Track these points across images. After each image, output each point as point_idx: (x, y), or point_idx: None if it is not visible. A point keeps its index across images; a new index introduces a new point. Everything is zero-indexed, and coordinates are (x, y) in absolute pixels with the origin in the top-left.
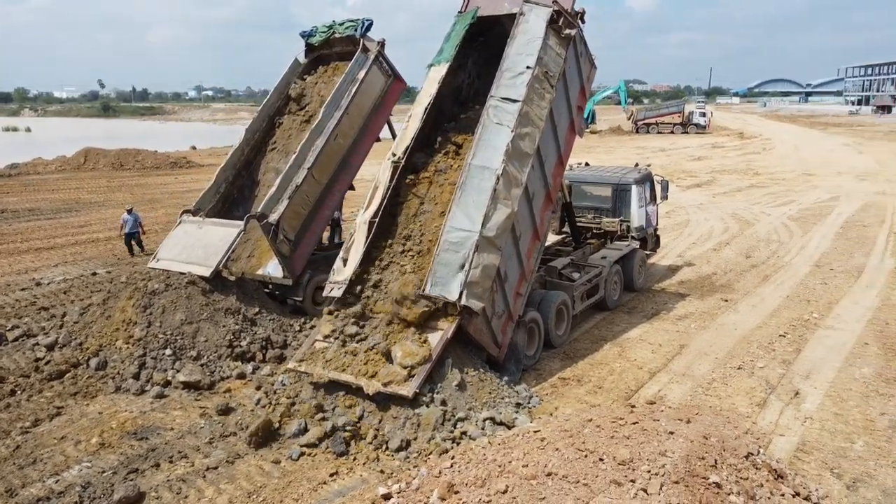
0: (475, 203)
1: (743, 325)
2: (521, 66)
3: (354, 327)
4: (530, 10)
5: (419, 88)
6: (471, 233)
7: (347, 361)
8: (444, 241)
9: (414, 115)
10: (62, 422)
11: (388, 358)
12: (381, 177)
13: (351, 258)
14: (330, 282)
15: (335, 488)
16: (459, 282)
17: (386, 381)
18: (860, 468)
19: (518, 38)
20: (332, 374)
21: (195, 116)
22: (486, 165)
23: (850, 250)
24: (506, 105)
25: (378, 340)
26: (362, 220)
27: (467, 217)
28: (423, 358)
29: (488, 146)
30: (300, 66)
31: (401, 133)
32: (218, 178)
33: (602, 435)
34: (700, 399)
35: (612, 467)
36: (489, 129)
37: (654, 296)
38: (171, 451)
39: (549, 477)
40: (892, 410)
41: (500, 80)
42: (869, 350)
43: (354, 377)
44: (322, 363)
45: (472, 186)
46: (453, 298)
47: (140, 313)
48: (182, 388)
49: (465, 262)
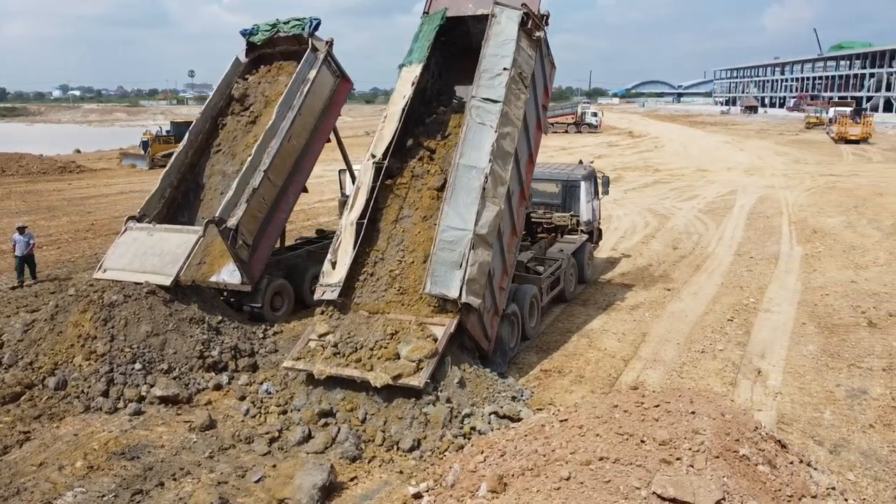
0: (465, 202)
1: (692, 312)
2: (499, 67)
3: (351, 325)
4: (501, 12)
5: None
6: (465, 231)
7: (349, 358)
8: (439, 240)
9: (390, 116)
10: (34, 447)
11: (393, 354)
12: (363, 178)
13: (340, 260)
14: (321, 285)
15: (359, 492)
16: (458, 279)
17: (395, 375)
18: (836, 435)
19: (492, 40)
20: (335, 371)
21: (66, 118)
22: (474, 165)
23: (762, 239)
24: (487, 105)
25: (380, 337)
26: (348, 221)
27: (459, 216)
28: (430, 352)
29: (474, 146)
30: (241, 66)
31: (377, 134)
32: (162, 183)
33: (633, 418)
34: (677, 382)
35: (655, 448)
36: (473, 129)
37: (603, 288)
38: (170, 469)
39: (603, 461)
40: (844, 382)
41: (479, 81)
42: (808, 329)
43: (360, 372)
44: (321, 360)
45: (461, 186)
46: (454, 296)
47: (100, 327)
48: (159, 402)
49: (461, 261)
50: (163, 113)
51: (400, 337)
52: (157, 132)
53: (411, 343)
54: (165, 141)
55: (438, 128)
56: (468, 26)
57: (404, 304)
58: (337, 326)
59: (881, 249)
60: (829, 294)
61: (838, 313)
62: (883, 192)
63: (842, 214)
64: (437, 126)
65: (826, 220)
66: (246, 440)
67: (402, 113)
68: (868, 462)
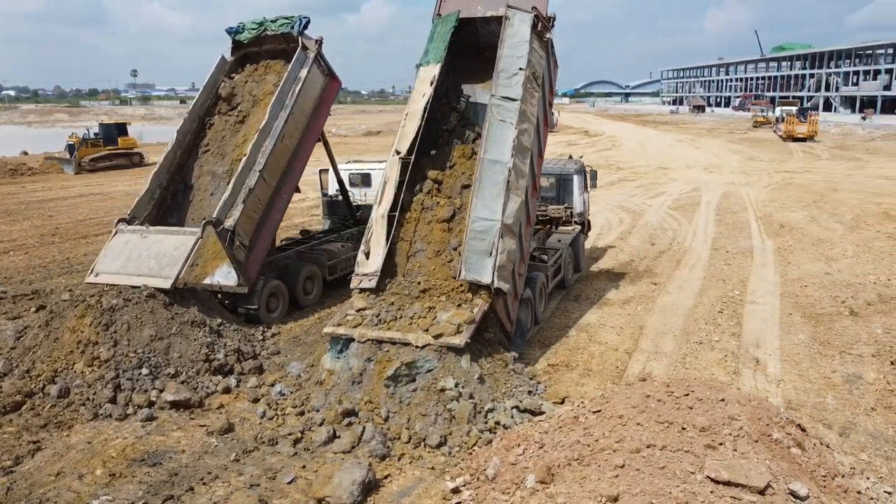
0: (491, 194)
1: (681, 305)
2: (515, 67)
3: (391, 298)
4: (514, 15)
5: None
6: (493, 221)
7: (390, 325)
8: (470, 230)
9: (412, 114)
10: (48, 456)
11: (432, 322)
12: (389, 173)
13: (373, 251)
14: (356, 274)
15: (394, 489)
16: (490, 266)
17: (437, 334)
18: (842, 418)
19: (507, 41)
20: (376, 334)
21: (2, 118)
22: (498, 159)
23: (733, 234)
24: (506, 103)
25: (418, 310)
26: (378, 214)
27: (487, 208)
28: (468, 318)
29: (496, 142)
30: (227, 65)
31: (400, 132)
32: (152, 184)
33: (668, 407)
34: (682, 372)
35: (697, 434)
36: (495, 126)
37: (592, 283)
38: (196, 474)
39: (651, 448)
40: (839, 368)
41: (497, 81)
42: (795, 319)
43: (402, 334)
44: (362, 326)
45: (487, 179)
46: (487, 282)
47: (102, 332)
48: (170, 407)
49: (491, 249)
50: (106, 114)
51: (437, 311)
52: (85, 135)
53: (450, 312)
54: (94, 144)
55: (442, 159)
56: (476, 27)
57: (443, 287)
58: (375, 303)
59: (847, 242)
60: (807, 285)
61: (820, 303)
62: (837, 188)
63: (804, 209)
64: (442, 158)
65: (790, 215)
66: (269, 442)
67: (425, 111)
68: (877, 443)
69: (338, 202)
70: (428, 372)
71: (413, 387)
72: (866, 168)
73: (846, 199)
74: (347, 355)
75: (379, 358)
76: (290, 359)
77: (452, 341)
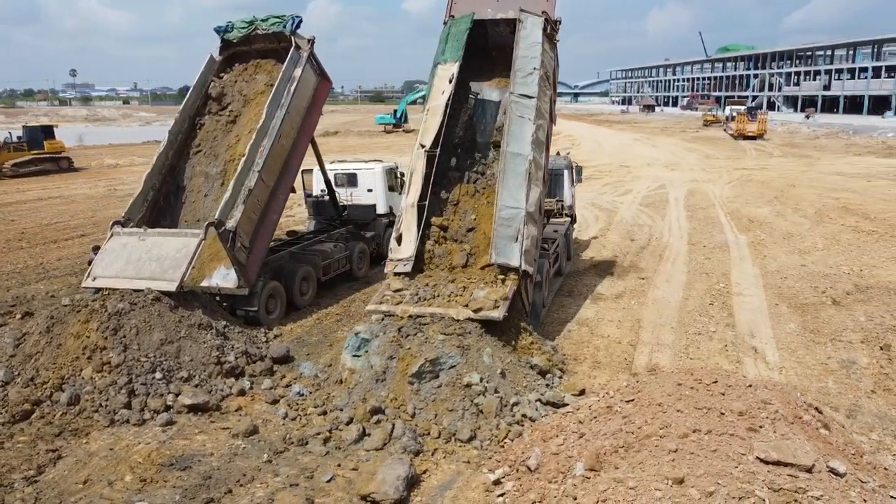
0: (514, 185)
1: (672, 298)
2: (530, 67)
3: (426, 279)
4: (527, 18)
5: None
6: (518, 209)
7: (429, 302)
8: (498, 217)
9: (433, 110)
10: (70, 464)
11: (469, 300)
12: (415, 165)
13: (405, 237)
14: (391, 259)
15: (434, 483)
16: (517, 251)
17: (476, 308)
18: (846, 401)
19: (522, 43)
20: (418, 309)
21: None
22: (519, 152)
23: (707, 230)
24: (524, 101)
25: (454, 289)
26: (408, 204)
27: (512, 197)
28: (503, 295)
29: (516, 136)
30: (216, 64)
31: (423, 126)
32: (145, 186)
33: (702, 394)
34: (687, 363)
35: (736, 418)
36: (515, 122)
37: (581, 279)
38: (231, 476)
39: (697, 433)
40: (833, 355)
41: (515, 79)
42: (782, 310)
43: (443, 309)
44: (403, 304)
45: (510, 171)
46: (516, 265)
47: (110, 337)
48: (187, 411)
49: (517, 235)
50: (46, 114)
51: (472, 289)
52: (6, 139)
53: (486, 290)
54: (17, 148)
55: (445, 202)
56: (486, 28)
57: (474, 270)
58: (411, 284)
59: (816, 236)
60: (787, 277)
61: (802, 294)
62: (795, 184)
63: (768, 205)
64: (444, 201)
65: (756, 211)
66: (299, 442)
67: (446, 107)
68: (884, 423)
69: (323, 202)
70: (451, 368)
71: (437, 383)
72: (818, 165)
73: (805, 195)
74: (368, 354)
75: (401, 356)
76: (299, 359)
77: (492, 315)
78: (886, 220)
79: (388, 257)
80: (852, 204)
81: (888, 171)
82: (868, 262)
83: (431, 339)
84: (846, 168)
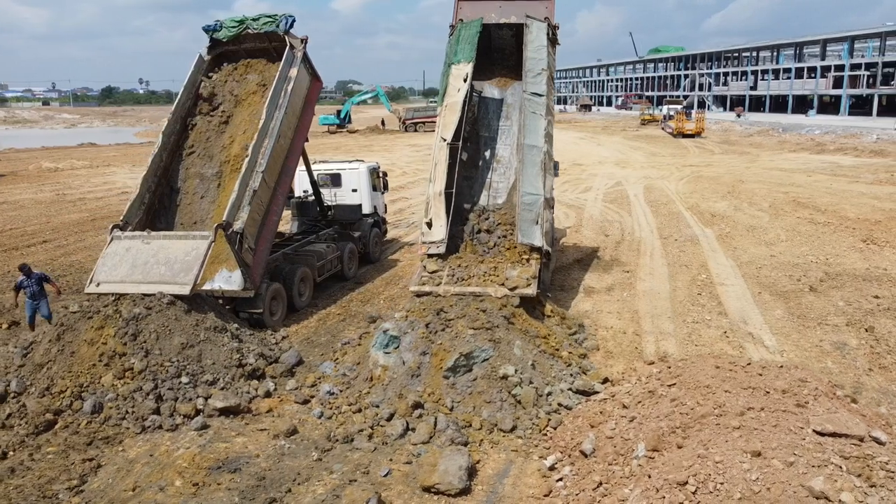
0: (532, 174)
1: (661, 290)
2: (538, 68)
3: (457, 261)
4: (532, 24)
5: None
6: (538, 196)
7: (467, 282)
8: (521, 202)
9: (451, 106)
10: (112, 473)
11: (502, 280)
12: (438, 157)
13: (436, 223)
14: (424, 242)
15: (490, 472)
16: (539, 232)
17: (512, 286)
18: (848, 380)
19: (530, 46)
20: (457, 289)
21: None
22: (534, 145)
23: (673, 224)
24: (536, 98)
25: (486, 270)
26: (435, 192)
27: (531, 184)
28: (533, 274)
29: (531, 131)
30: (205, 63)
31: (442, 121)
32: (142, 188)
33: (741, 375)
34: (694, 349)
35: (781, 396)
36: (529, 118)
37: (569, 273)
38: (285, 476)
39: (752, 410)
40: (825, 337)
41: (527, 79)
42: (765, 297)
43: (482, 289)
44: (444, 284)
45: (528, 161)
46: (539, 245)
47: (129, 343)
48: (218, 415)
49: (538, 218)
50: None
51: (501, 269)
52: None
53: (517, 269)
54: None
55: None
56: (490, 31)
57: (502, 251)
58: (445, 265)
59: (777, 228)
60: (761, 267)
61: (780, 282)
62: (743, 180)
63: (723, 200)
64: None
65: (714, 205)
66: (344, 440)
67: (464, 103)
68: (888, 398)
69: (307, 203)
70: (484, 361)
71: (472, 376)
72: (758, 161)
73: (756, 190)
74: (399, 350)
75: (434, 351)
76: (312, 360)
77: (526, 291)
78: (836, 212)
79: (421, 241)
80: (801, 197)
81: (824, 167)
82: (831, 252)
83: (462, 334)
84: (785, 164)
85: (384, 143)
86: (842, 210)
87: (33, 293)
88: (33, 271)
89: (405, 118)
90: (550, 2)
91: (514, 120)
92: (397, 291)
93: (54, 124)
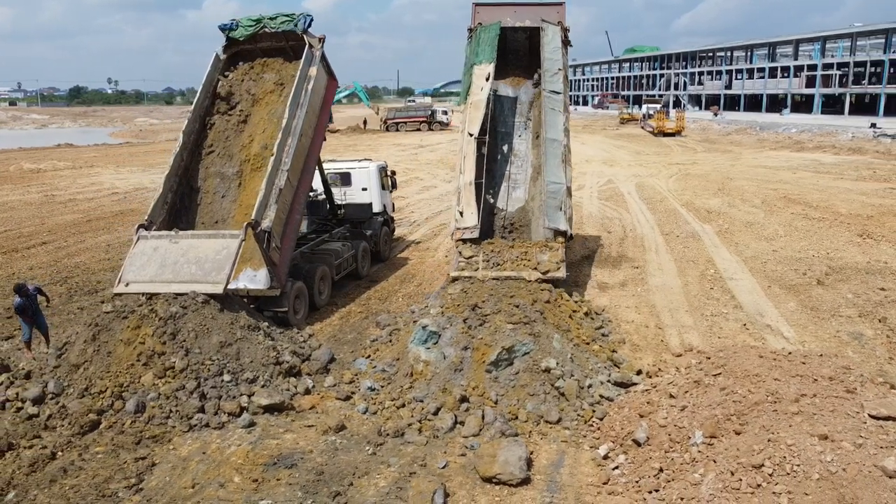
0: (555, 164)
1: (673, 285)
2: (555, 67)
3: (489, 246)
4: (548, 27)
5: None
6: (561, 184)
7: (501, 267)
8: (547, 191)
9: (475, 104)
10: (167, 470)
11: (534, 264)
12: (466, 149)
13: (467, 210)
14: (458, 228)
15: (545, 462)
16: (564, 218)
17: (545, 270)
18: (871, 368)
19: (546, 47)
20: (494, 273)
21: None
22: (555, 138)
23: (671, 220)
24: (554, 96)
25: (517, 255)
26: (466, 182)
27: (554, 174)
28: (561, 258)
29: (552, 125)
30: (221, 62)
31: (467, 118)
32: (165, 188)
33: (784, 364)
34: (716, 341)
35: (828, 382)
36: (549, 114)
37: (578, 269)
38: (343, 470)
39: (805, 397)
40: (841, 328)
41: (545, 77)
42: (776, 291)
43: (516, 273)
44: (481, 270)
45: (550, 153)
46: (564, 229)
47: (168, 342)
48: (263, 412)
49: (561, 205)
50: None
51: (533, 254)
52: None
53: (546, 254)
54: None
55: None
56: (505, 34)
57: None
58: (478, 251)
59: (774, 224)
60: (766, 262)
61: (787, 276)
62: (732, 177)
63: (716, 197)
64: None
65: (708, 202)
66: (395, 434)
67: (488, 100)
68: None
69: (317, 202)
70: (525, 354)
71: (514, 370)
72: (742, 158)
73: (745, 187)
74: (439, 345)
75: (475, 345)
76: (342, 357)
77: (557, 275)
78: (828, 208)
79: (455, 227)
80: (791, 194)
81: (807, 164)
82: (830, 247)
83: (501, 329)
84: (768, 162)
85: (368, 142)
86: (833, 206)
87: (33, 311)
88: (27, 286)
89: (387, 118)
90: (562, 6)
91: (528, 116)
92: (413, 289)
93: (23, 125)
